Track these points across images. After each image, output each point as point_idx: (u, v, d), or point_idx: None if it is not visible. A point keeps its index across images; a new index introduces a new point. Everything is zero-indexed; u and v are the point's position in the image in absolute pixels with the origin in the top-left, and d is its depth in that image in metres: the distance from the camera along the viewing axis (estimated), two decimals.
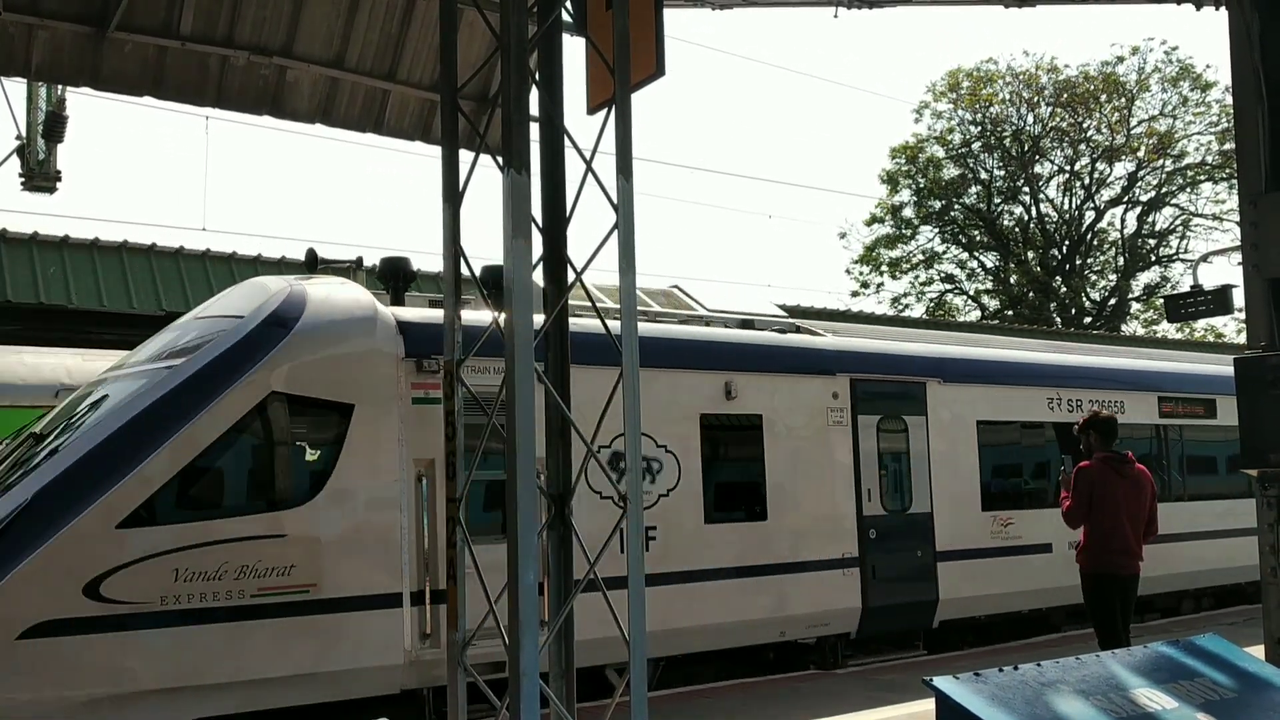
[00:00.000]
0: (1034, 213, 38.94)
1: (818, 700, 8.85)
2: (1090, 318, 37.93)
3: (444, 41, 5.19)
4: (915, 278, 39.99)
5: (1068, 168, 38.29)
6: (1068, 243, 38.74)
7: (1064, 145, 38.01)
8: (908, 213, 39.27)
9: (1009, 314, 37.21)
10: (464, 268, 5.11)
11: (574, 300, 10.09)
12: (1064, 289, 38.15)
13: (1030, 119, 37.63)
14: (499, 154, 4.51)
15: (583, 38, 5.23)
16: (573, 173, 4.99)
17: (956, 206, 38.90)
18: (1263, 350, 6.66)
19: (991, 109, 37.68)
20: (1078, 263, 38.63)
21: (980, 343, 13.63)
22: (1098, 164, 37.92)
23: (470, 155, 5.17)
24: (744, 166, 72.40)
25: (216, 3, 7.53)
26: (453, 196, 5.04)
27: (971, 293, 40.08)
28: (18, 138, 14.97)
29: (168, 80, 7.60)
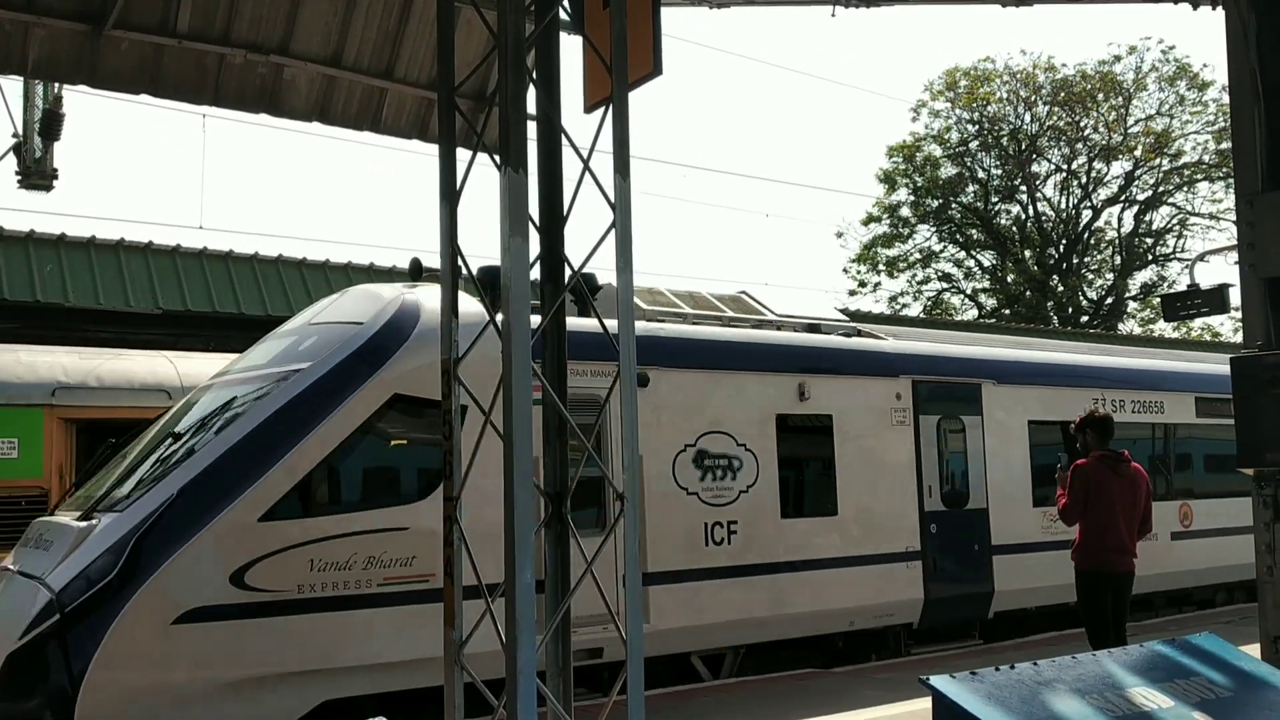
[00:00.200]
0: (1031, 211, 38.99)
1: (817, 698, 8.87)
2: (1087, 316, 37.96)
3: (441, 40, 5.18)
4: (912, 276, 40.07)
5: (1065, 167, 38.34)
6: (1065, 242, 38.78)
7: (1061, 144, 38.06)
8: (905, 212, 39.32)
9: (1006, 313, 37.25)
10: (461, 266, 5.10)
11: (656, 306, 10.70)
12: (1061, 288, 38.19)
13: (1027, 118, 37.68)
14: (496, 153, 4.51)
15: (580, 36, 5.23)
16: (570, 171, 4.99)
17: (954, 205, 38.93)
18: (1259, 349, 6.67)
19: (989, 108, 37.72)
20: (1075, 262, 38.67)
21: (1028, 345, 14.25)
22: (1095, 163, 37.98)
23: (468, 154, 5.16)
24: (741, 165, 72.42)
25: (214, 1, 7.52)
26: (450, 195, 5.03)
27: (969, 291, 40.14)
28: (14, 135, 14.96)
29: (165, 78, 7.58)
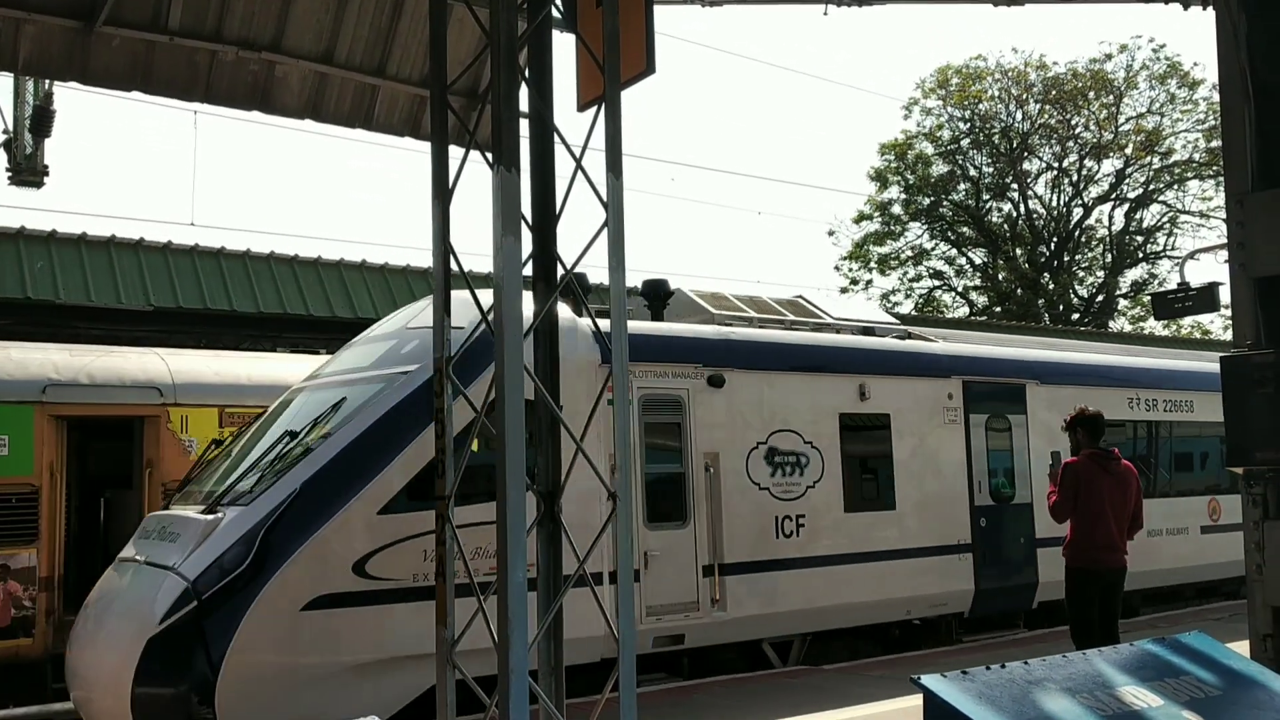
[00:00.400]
0: (1022, 209, 39.06)
1: (808, 695, 8.88)
2: (1078, 314, 38.06)
3: (433, 38, 5.18)
4: (904, 274, 40.15)
5: (1056, 165, 38.42)
6: (1055, 239, 38.86)
7: (1052, 142, 38.15)
8: (896, 209, 39.37)
9: (997, 310, 37.32)
10: (453, 264, 5.10)
11: (723, 310, 11.21)
12: (1052, 285, 38.28)
13: (1019, 116, 37.75)
14: (489, 151, 4.51)
15: (573, 34, 5.22)
16: (563, 169, 4.99)
17: (945, 203, 39.00)
18: (1249, 349, 6.69)
19: (980, 106, 37.77)
20: (1065, 259, 38.76)
21: (1066, 347, 14.92)
22: (1086, 161, 38.06)
23: (460, 151, 5.15)
24: (734, 163, 72.43)
25: None
26: (442, 193, 5.03)
27: (960, 289, 40.21)
28: (5, 132, 14.88)
29: (156, 75, 7.54)
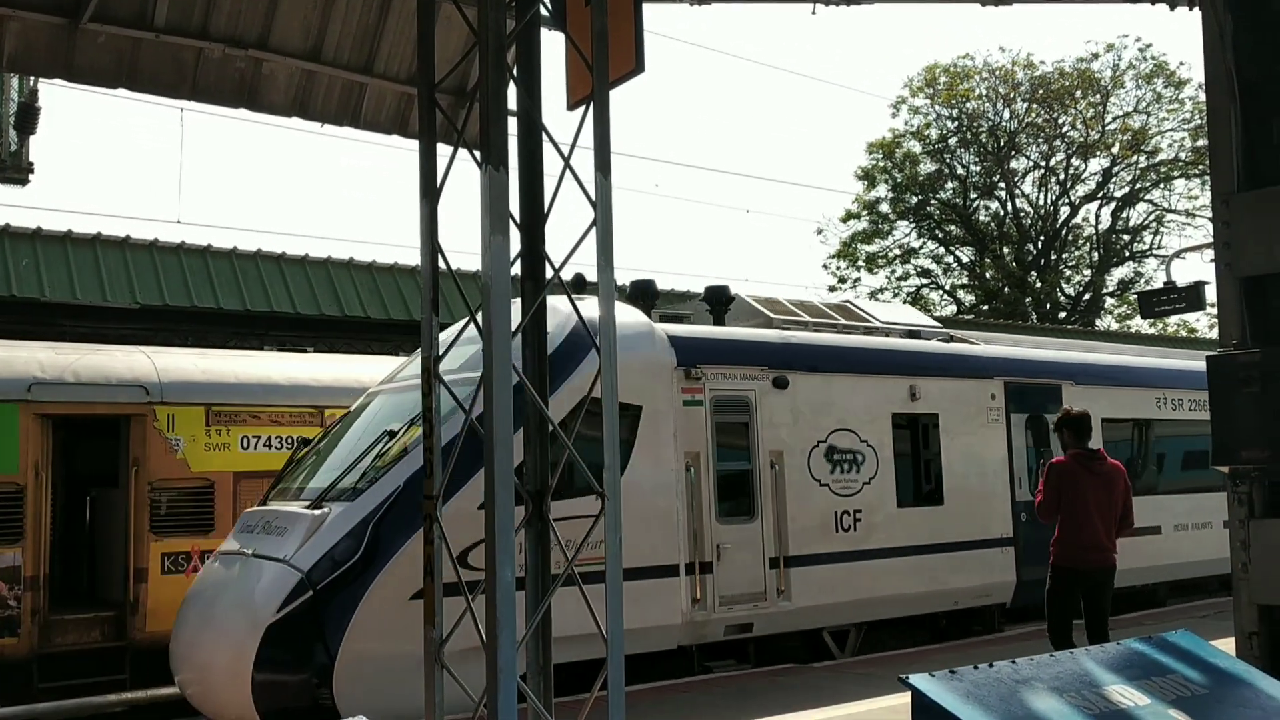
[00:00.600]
0: (1010, 208, 39.18)
1: (798, 694, 8.89)
2: (1065, 312, 38.20)
3: (421, 36, 5.16)
4: (892, 272, 40.24)
5: (1043, 163, 38.55)
6: (1043, 238, 39.00)
7: (1039, 141, 38.27)
8: (884, 208, 39.44)
9: (984, 309, 37.43)
10: (441, 263, 5.09)
11: (780, 315, 11.71)
12: (1039, 284, 38.40)
13: (1006, 115, 37.85)
14: (477, 149, 4.49)
15: (561, 33, 5.21)
16: (551, 168, 4.98)
17: (933, 202, 39.08)
18: (1235, 348, 6.72)
19: (968, 105, 37.87)
20: (1052, 258, 38.89)
21: (1098, 349, 15.46)
22: (1073, 160, 38.20)
23: (448, 149, 5.13)
24: (722, 161, 72.43)
25: None
26: (430, 192, 5.02)
27: (947, 287, 40.32)
28: None
29: (142, 72, 7.50)
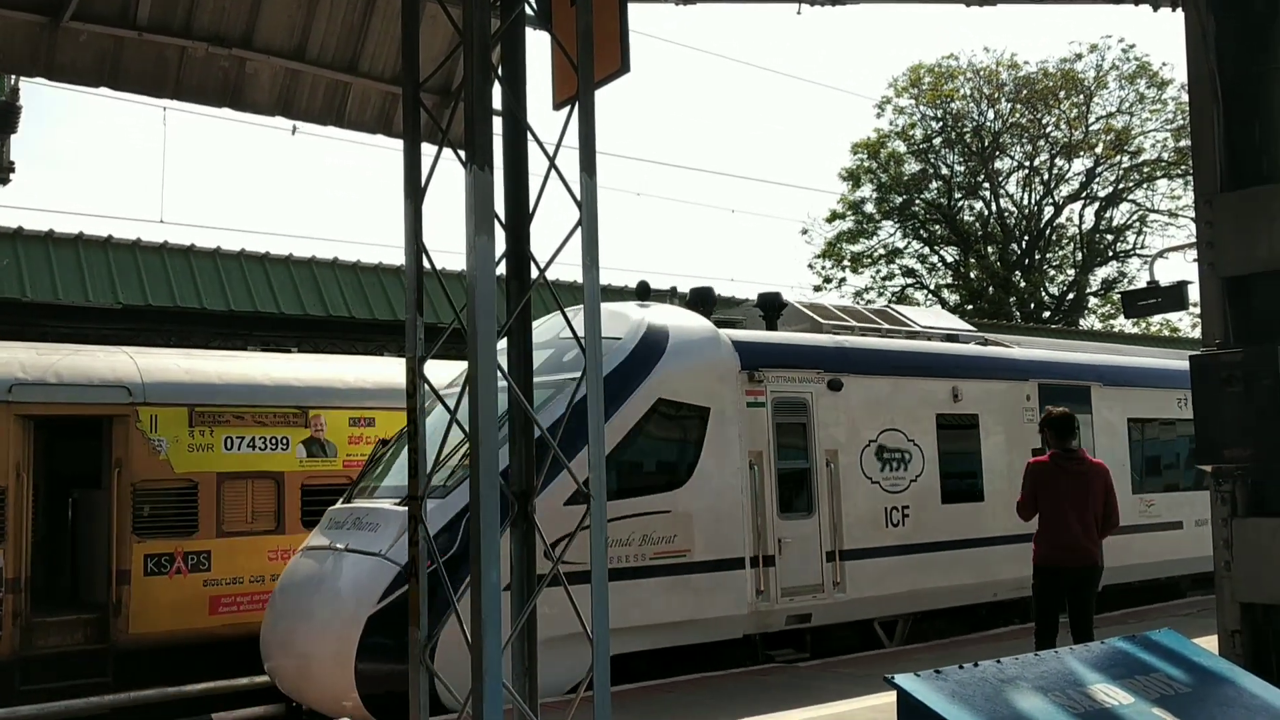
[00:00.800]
0: (994, 208, 39.30)
1: (783, 693, 8.90)
2: (1049, 312, 38.34)
3: (405, 35, 5.14)
4: (877, 272, 40.31)
5: (1027, 163, 38.68)
6: (1027, 238, 39.13)
7: (1023, 141, 38.39)
8: (869, 208, 39.51)
9: (969, 308, 37.53)
10: (426, 263, 5.06)
11: (828, 320, 12.39)
12: (1023, 283, 38.53)
13: (990, 115, 37.96)
14: (462, 149, 4.48)
15: (546, 32, 5.19)
16: (536, 168, 4.97)
17: (918, 202, 39.17)
18: (1218, 348, 6.75)
19: (952, 105, 37.96)
20: (1037, 258, 39.03)
21: (1123, 352, 16.05)
22: (1056, 160, 38.33)
23: (433, 149, 5.11)
24: (708, 161, 72.47)
25: None
26: (414, 192, 4.99)
27: (932, 287, 40.41)
28: None
29: (124, 71, 7.45)
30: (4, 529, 10.70)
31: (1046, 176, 38.67)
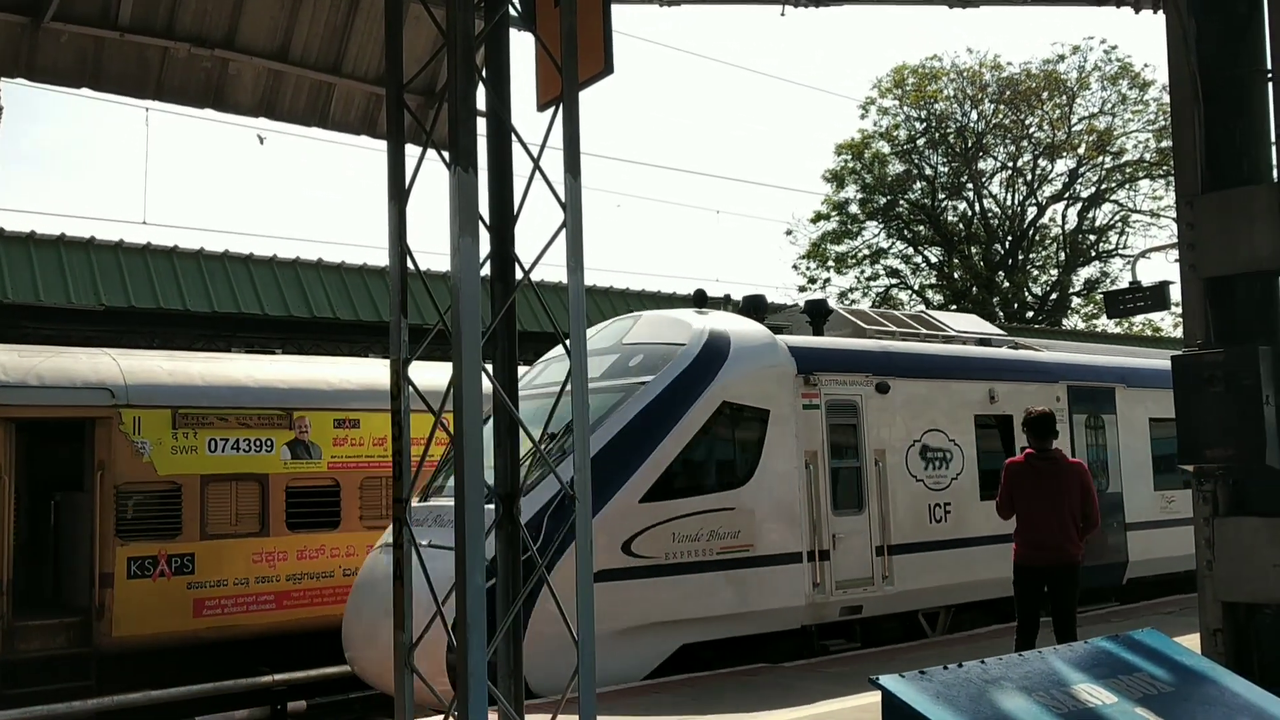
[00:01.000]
0: (977, 208, 39.42)
1: (769, 693, 8.91)
2: (1032, 312, 38.48)
3: (389, 37, 5.13)
4: (861, 273, 40.38)
5: (1010, 164, 38.81)
6: (1010, 238, 39.27)
7: (1007, 142, 38.52)
8: (854, 209, 39.59)
9: (953, 308, 37.63)
10: (410, 265, 5.05)
11: (871, 325, 13.25)
12: (1006, 283, 38.67)
13: (974, 116, 38.07)
14: (446, 150, 4.47)
15: (530, 33, 5.19)
16: (521, 169, 4.96)
17: (902, 202, 39.26)
18: (1199, 348, 6.78)
19: (936, 105, 38.06)
20: (1020, 258, 39.17)
21: (1146, 355, 16.53)
22: (1039, 160, 38.48)
23: (417, 150, 5.10)
24: (692, 163, 72.50)
25: None
26: (399, 194, 4.98)
27: (916, 287, 40.51)
28: None
29: (106, 72, 7.40)
30: None
31: (1029, 177, 38.82)
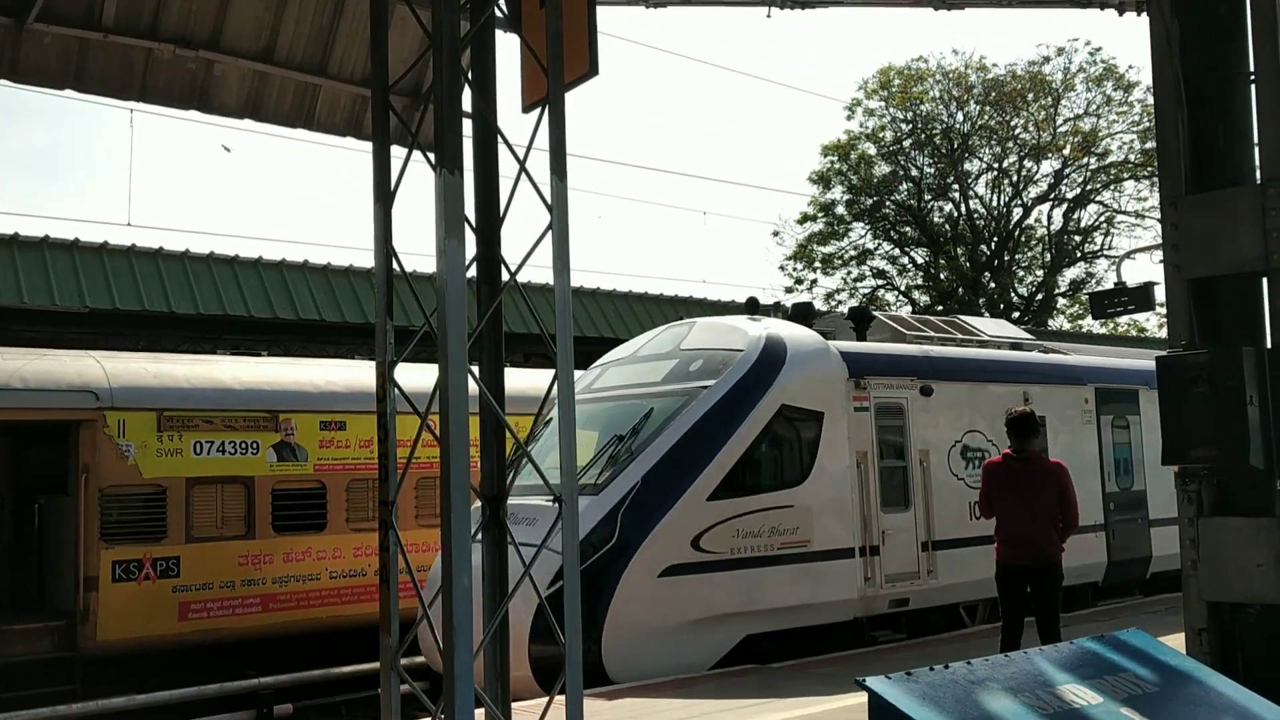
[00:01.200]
0: (963, 209, 39.50)
1: (757, 694, 8.90)
2: (1018, 313, 38.59)
3: (375, 39, 5.12)
4: (848, 274, 40.42)
5: (996, 165, 38.90)
6: (996, 239, 39.37)
7: (992, 143, 38.60)
8: (840, 210, 39.65)
9: (939, 309, 37.73)
10: (396, 267, 5.04)
11: (911, 330, 13.89)
12: (992, 284, 38.77)
13: (960, 117, 38.15)
14: (432, 151, 4.46)
15: (516, 35, 5.19)
16: (507, 171, 4.95)
17: (888, 203, 39.32)
18: (1183, 349, 6.81)
19: (922, 107, 38.12)
20: (1006, 258, 39.27)
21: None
22: (1025, 162, 38.58)
23: (402, 152, 5.09)
24: (679, 164, 72.53)
25: None
26: (384, 196, 4.97)
27: (902, 288, 40.60)
28: None
29: (90, 73, 7.36)
30: None
31: (1015, 178, 38.92)
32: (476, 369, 4.83)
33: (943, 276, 39.31)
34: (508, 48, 5.41)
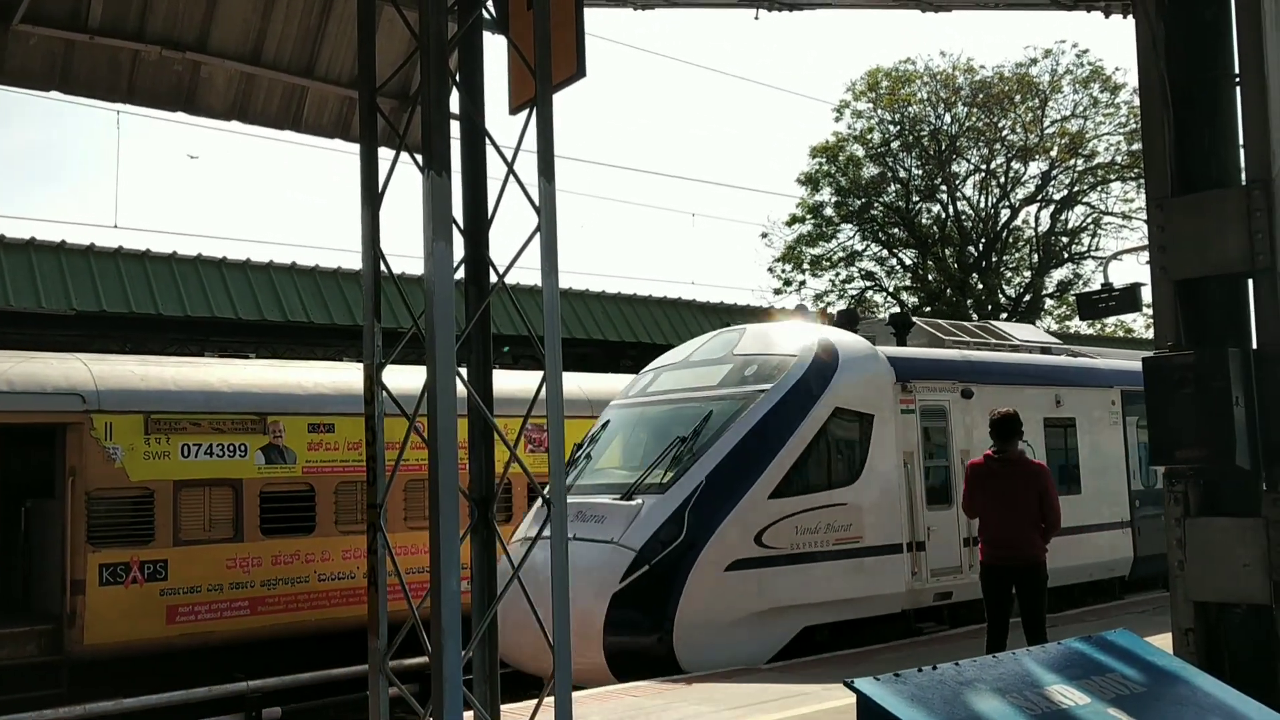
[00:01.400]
0: (951, 211, 39.58)
1: (745, 696, 8.91)
2: (1005, 314, 38.68)
3: (362, 40, 5.11)
4: (836, 275, 40.47)
5: (984, 167, 38.97)
6: (984, 240, 39.45)
7: (980, 145, 38.68)
8: (829, 212, 39.70)
9: (927, 310, 37.80)
10: (384, 268, 5.03)
11: (948, 335, 14.62)
12: (980, 285, 38.84)
13: (947, 119, 38.21)
14: (419, 154, 4.45)
15: (504, 37, 5.18)
16: (495, 172, 4.95)
17: (876, 205, 39.37)
18: (1170, 350, 6.83)
19: (910, 109, 38.18)
20: (993, 260, 39.34)
21: None
22: (1012, 163, 38.65)
23: (390, 153, 5.08)
24: (668, 166, 72.58)
25: None
26: (371, 198, 4.96)
27: (891, 289, 40.66)
28: None
29: (76, 75, 7.32)
30: None
31: (1002, 179, 39.01)
32: (465, 371, 4.82)
33: (931, 278, 39.38)
34: (495, 50, 5.41)
